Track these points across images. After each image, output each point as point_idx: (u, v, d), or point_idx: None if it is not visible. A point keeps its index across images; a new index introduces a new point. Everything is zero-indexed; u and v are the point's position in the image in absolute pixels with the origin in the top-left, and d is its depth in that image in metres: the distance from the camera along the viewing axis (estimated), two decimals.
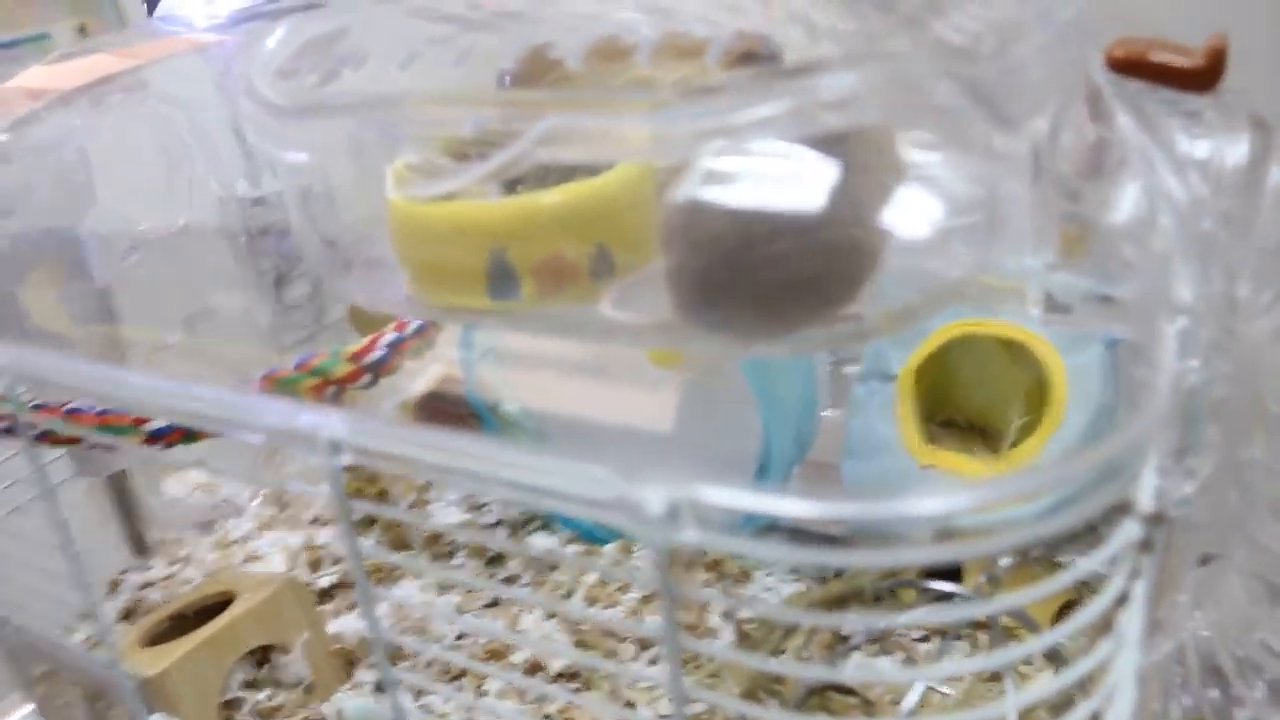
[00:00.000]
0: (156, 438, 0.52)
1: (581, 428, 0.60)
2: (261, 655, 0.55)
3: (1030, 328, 0.53)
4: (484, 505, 0.68)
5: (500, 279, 0.36)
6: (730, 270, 0.31)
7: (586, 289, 0.37)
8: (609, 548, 0.63)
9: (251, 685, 0.54)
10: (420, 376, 0.72)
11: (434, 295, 0.38)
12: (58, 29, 1.25)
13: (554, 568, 0.62)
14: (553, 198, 0.36)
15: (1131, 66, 0.35)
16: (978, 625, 0.50)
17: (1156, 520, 0.28)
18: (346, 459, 0.30)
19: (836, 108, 0.30)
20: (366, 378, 0.51)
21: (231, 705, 0.53)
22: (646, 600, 0.58)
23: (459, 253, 0.36)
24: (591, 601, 0.59)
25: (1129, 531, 0.28)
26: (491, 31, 0.45)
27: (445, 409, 0.74)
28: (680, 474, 0.25)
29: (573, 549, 0.64)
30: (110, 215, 0.61)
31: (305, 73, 0.38)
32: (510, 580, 0.63)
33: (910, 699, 0.34)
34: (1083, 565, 0.27)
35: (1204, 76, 0.35)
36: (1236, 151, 0.36)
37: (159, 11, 0.64)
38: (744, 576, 0.59)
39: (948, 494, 0.24)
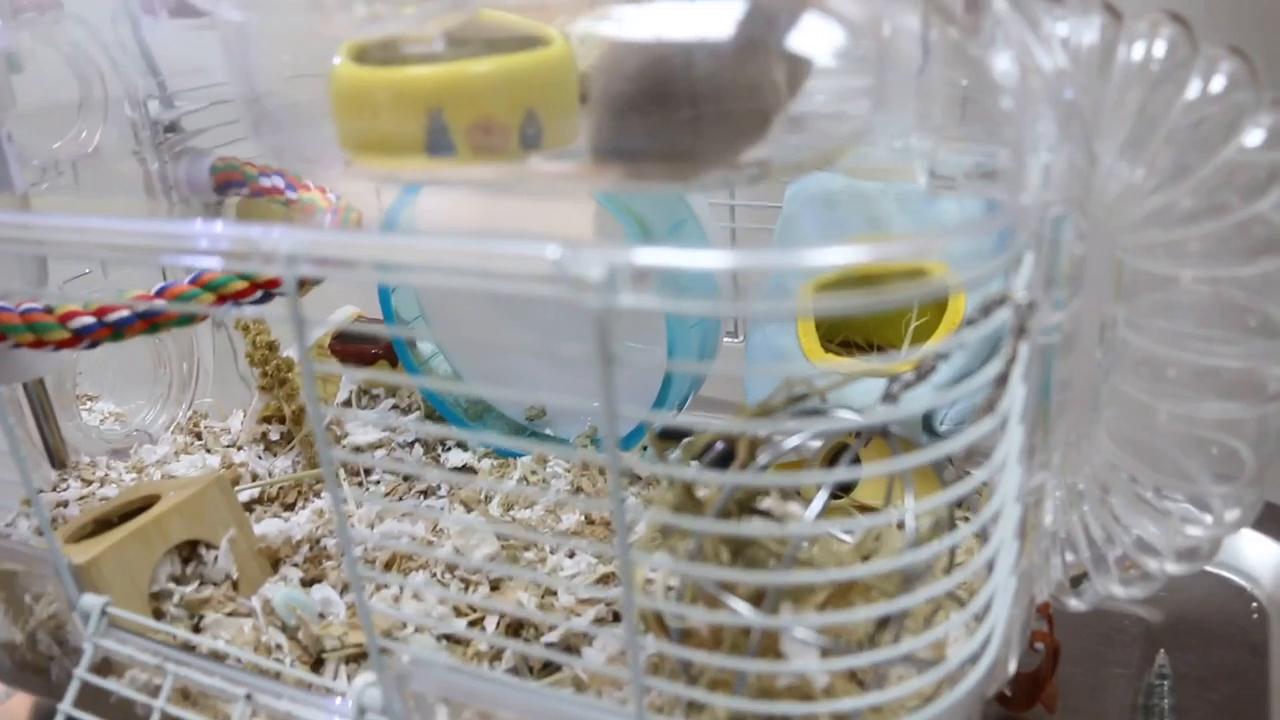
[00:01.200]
0: (81, 335, 0.54)
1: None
2: (189, 552, 0.56)
3: (933, 255, 0.57)
4: (397, 429, 0.70)
5: (437, 137, 0.39)
6: (646, 104, 0.34)
7: (516, 150, 0.40)
8: (523, 460, 0.66)
9: (179, 580, 0.55)
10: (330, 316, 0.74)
11: (375, 157, 0.41)
12: None
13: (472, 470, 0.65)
14: (486, 64, 0.39)
15: None
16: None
17: (1029, 309, 0.33)
18: (305, 269, 0.32)
19: None
20: (259, 293, 0.52)
21: (160, 597, 0.54)
22: (558, 507, 0.61)
23: (400, 115, 0.39)
24: (509, 506, 0.62)
25: (1005, 315, 0.32)
26: None
27: (354, 349, 0.76)
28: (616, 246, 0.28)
29: (488, 462, 0.67)
30: (25, 132, 0.62)
31: None
32: (427, 493, 0.66)
33: (814, 506, 0.37)
34: (965, 335, 0.31)
35: None
36: (1091, 33, 0.40)
37: None
38: (654, 481, 0.63)
39: (845, 251, 0.28)
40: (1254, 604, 0.61)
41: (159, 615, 0.55)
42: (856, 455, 0.46)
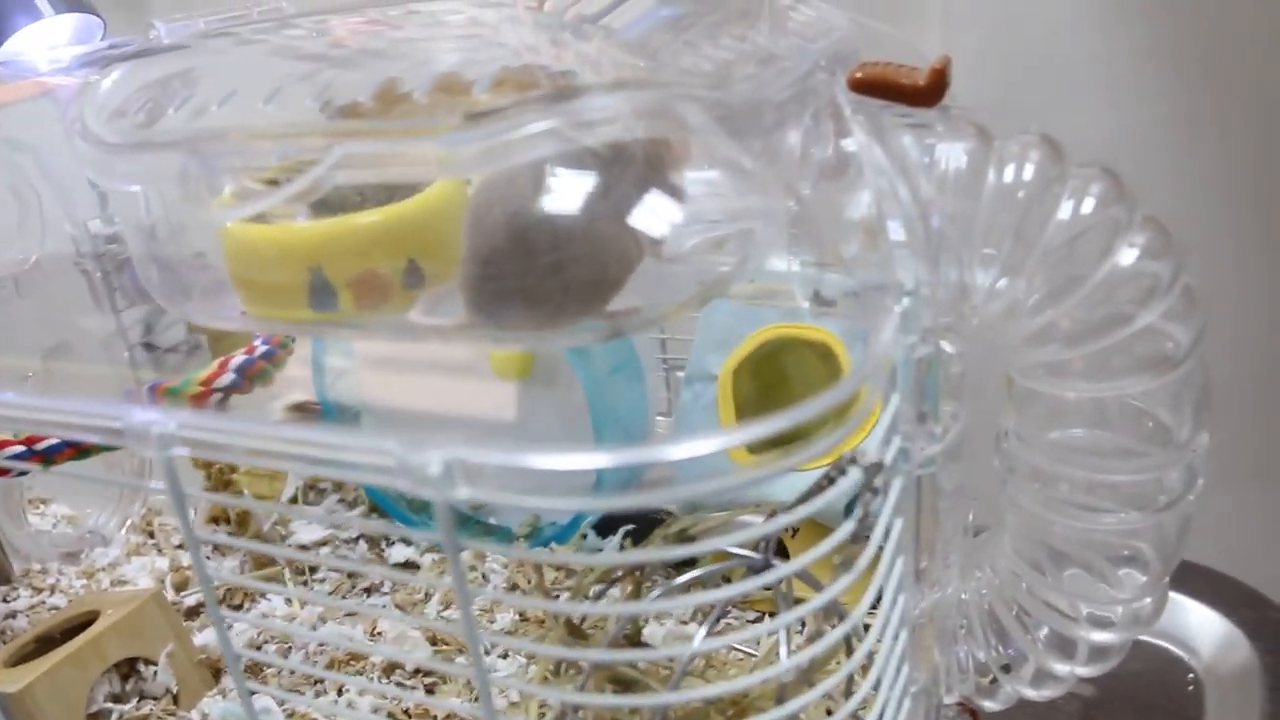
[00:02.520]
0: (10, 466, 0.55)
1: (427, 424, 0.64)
2: (128, 668, 0.57)
3: (829, 327, 0.58)
4: (341, 525, 0.71)
5: (319, 293, 0.40)
6: (505, 274, 0.36)
7: (400, 299, 0.41)
8: (463, 555, 0.67)
9: (118, 698, 0.56)
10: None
11: (264, 309, 0.42)
12: None
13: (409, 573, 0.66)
14: (364, 219, 0.40)
15: (868, 86, 0.41)
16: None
17: (876, 468, 0.33)
18: (178, 451, 0.33)
19: (596, 127, 0.34)
20: (217, 396, 0.54)
21: (98, 717, 0.55)
22: (496, 604, 0.62)
23: (282, 270, 0.40)
24: (447, 604, 0.63)
25: (853, 476, 0.33)
26: (352, 68, 0.49)
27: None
28: (454, 441, 0.29)
29: (430, 557, 0.68)
30: None
31: (137, 112, 0.42)
32: (371, 590, 0.66)
33: (689, 650, 0.38)
34: (811, 506, 0.32)
35: (928, 93, 0.40)
36: (958, 158, 0.41)
37: (0, 57, 0.66)
38: (589, 573, 0.63)
39: (692, 441, 0.29)
40: (1190, 675, 0.62)
41: None
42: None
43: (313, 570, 0.67)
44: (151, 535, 0.73)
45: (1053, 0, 0.83)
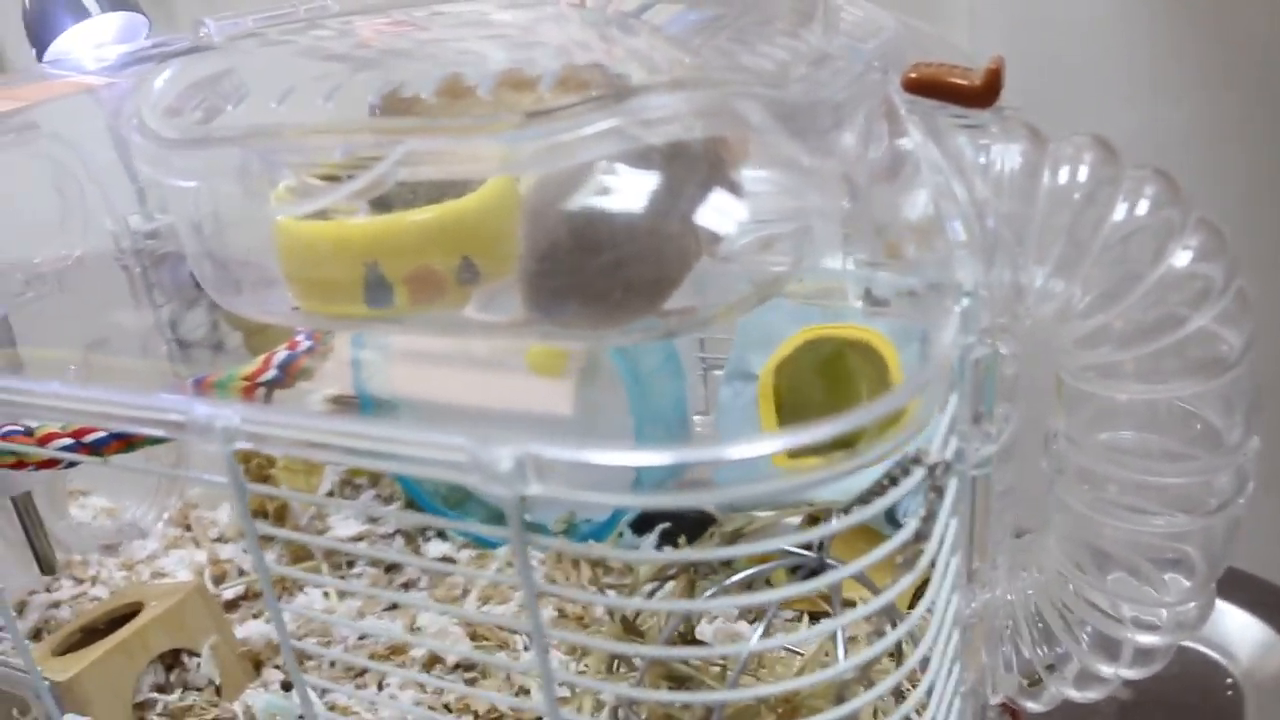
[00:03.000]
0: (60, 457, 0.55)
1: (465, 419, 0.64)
2: (172, 659, 0.58)
3: (874, 328, 0.58)
4: (379, 518, 0.72)
5: (375, 289, 0.40)
6: (564, 270, 0.36)
7: (455, 296, 0.41)
8: (500, 550, 0.67)
9: (162, 689, 0.57)
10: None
11: (317, 305, 0.42)
12: None
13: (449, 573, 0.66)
14: (420, 216, 0.40)
15: (923, 87, 0.41)
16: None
17: (940, 467, 0.34)
18: (241, 445, 0.34)
19: (657, 126, 0.34)
20: (260, 391, 0.54)
21: (144, 706, 0.56)
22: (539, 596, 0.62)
23: (337, 266, 0.41)
24: (485, 600, 0.63)
25: (916, 475, 0.33)
26: (378, 69, 0.49)
27: None
28: (524, 437, 0.29)
29: (466, 553, 0.68)
30: (4, 249, 0.64)
31: (191, 109, 0.42)
32: (409, 585, 0.67)
33: (747, 648, 0.38)
34: (876, 506, 0.32)
35: (983, 94, 0.40)
36: (1013, 159, 0.41)
37: (48, 56, 0.67)
38: (627, 570, 0.63)
39: (752, 441, 0.29)
40: (1229, 680, 0.62)
41: None
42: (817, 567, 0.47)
43: (350, 564, 0.68)
44: (188, 528, 0.74)
45: (1077, 1, 0.83)
